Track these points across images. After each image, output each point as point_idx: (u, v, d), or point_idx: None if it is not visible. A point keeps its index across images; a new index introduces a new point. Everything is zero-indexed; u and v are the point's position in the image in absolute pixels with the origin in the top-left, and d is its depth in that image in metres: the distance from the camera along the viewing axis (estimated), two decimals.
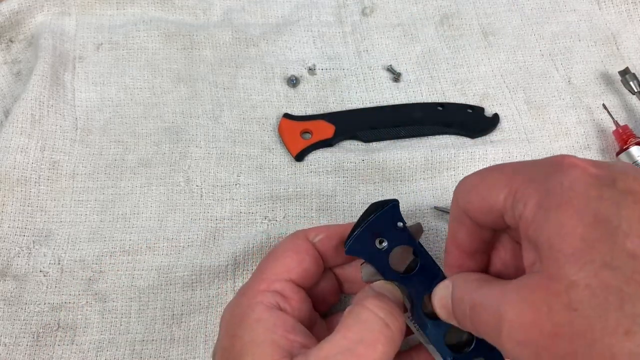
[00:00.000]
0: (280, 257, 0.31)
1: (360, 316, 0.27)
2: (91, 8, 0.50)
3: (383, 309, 0.27)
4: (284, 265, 0.31)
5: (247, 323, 0.28)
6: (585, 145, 0.44)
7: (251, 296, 0.29)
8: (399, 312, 0.28)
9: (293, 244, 0.32)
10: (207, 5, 0.51)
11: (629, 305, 0.19)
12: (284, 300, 0.30)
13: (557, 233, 0.20)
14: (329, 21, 0.51)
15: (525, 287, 0.21)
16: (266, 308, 0.29)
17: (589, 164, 0.22)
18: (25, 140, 0.43)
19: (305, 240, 0.32)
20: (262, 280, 0.30)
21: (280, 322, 0.28)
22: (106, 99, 0.47)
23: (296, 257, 0.31)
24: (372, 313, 0.27)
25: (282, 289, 0.30)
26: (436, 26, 0.51)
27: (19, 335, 0.38)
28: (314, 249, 0.32)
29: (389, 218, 0.31)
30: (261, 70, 0.48)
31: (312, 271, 0.32)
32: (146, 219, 0.42)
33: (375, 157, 0.44)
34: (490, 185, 0.24)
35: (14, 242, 0.41)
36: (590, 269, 0.19)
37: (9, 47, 0.49)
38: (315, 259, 0.32)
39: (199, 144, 0.45)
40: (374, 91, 0.48)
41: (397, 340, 0.27)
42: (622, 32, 0.49)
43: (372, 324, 0.26)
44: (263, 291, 0.30)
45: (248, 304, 0.29)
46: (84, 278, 0.40)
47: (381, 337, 0.26)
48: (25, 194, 0.42)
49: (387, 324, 0.26)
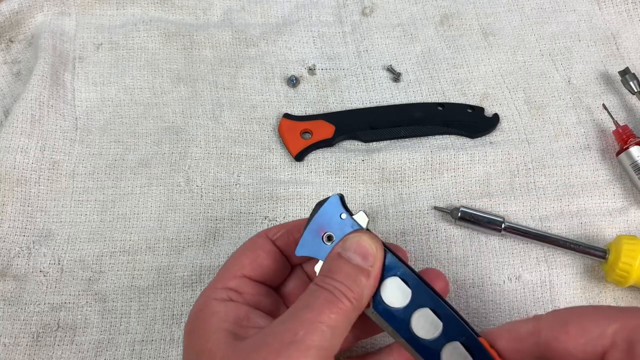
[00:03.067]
0: (238, 257, 0.32)
1: (310, 289, 0.27)
2: (91, 8, 0.50)
3: (332, 280, 0.27)
4: (239, 262, 0.31)
5: (202, 318, 0.29)
6: (585, 145, 0.44)
7: (207, 295, 0.30)
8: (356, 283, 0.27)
9: (250, 242, 0.32)
10: (207, 5, 0.51)
11: None
12: (237, 295, 0.30)
13: None
14: (329, 21, 0.51)
15: None
16: (219, 302, 0.29)
17: None
18: (25, 141, 0.43)
19: (264, 238, 0.32)
20: (218, 280, 0.31)
21: (233, 311, 0.29)
22: (106, 99, 0.47)
23: (251, 254, 0.32)
24: (317, 285, 0.27)
25: (236, 285, 0.30)
26: (436, 26, 0.51)
27: (18, 335, 0.38)
28: (273, 246, 0.32)
29: (331, 212, 0.31)
30: (261, 70, 0.48)
31: (270, 267, 0.32)
32: (146, 219, 0.42)
33: (375, 157, 0.44)
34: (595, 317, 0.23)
35: (14, 242, 0.41)
36: None
37: (8, 47, 0.49)
38: (273, 255, 0.32)
39: (199, 144, 0.45)
40: (374, 91, 0.48)
41: (349, 311, 0.26)
42: (622, 32, 0.49)
43: (319, 292, 0.26)
44: (217, 289, 0.30)
45: (205, 301, 0.30)
46: (83, 278, 0.40)
47: (326, 304, 0.26)
48: (25, 194, 0.42)
49: (333, 293, 0.26)
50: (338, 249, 0.29)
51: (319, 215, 0.31)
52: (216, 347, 0.27)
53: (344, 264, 0.28)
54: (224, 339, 0.27)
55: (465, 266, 0.40)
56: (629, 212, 0.42)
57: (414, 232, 0.42)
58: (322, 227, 0.30)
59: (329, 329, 0.25)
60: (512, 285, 0.40)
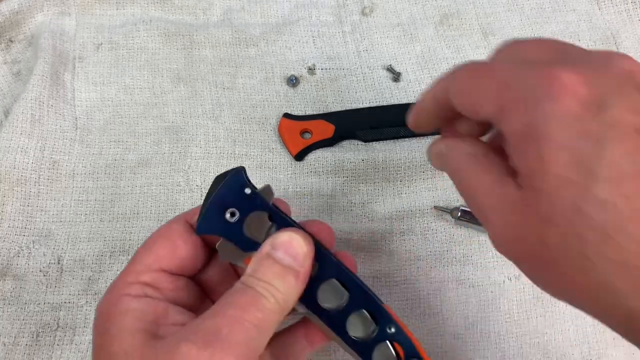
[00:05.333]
0: (152, 246, 0.29)
1: (236, 287, 0.26)
2: (91, 8, 0.50)
3: (259, 280, 0.26)
4: (155, 254, 0.28)
5: (114, 316, 0.26)
6: None
7: (118, 289, 0.27)
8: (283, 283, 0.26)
9: (167, 229, 0.29)
10: (207, 5, 0.51)
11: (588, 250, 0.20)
12: (153, 290, 0.28)
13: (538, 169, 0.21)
14: (329, 21, 0.51)
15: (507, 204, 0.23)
16: (133, 298, 0.27)
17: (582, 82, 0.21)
18: (25, 140, 0.43)
19: (182, 224, 0.29)
20: (130, 272, 0.28)
21: (151, 309, 0.27)
22: (106, 99, 0.47)
23: (169, 244, 0.29)
24: (244, 285, 0.26)
25: (153, 280, 0.28)
26: (436, 26, 0.51)
27: (18, 335, 0.38)
28: (192, 232, 0.29)
29: (234, 187, 0.29)
30: (261, 70, 0.48)
31: (190, 257, 0.29)
32: (146, 219, 0.42)
33: (375, 157, 0.44)
34: (480, 93, 0.24)
35: (14, 241, 0.41)
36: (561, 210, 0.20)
37: (8, 47, 0.49)
38: (192, 243, 0.29)
39: (198, 143, 0.45)
40: (374, 90, 0.48)
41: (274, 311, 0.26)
42: (621, 32, 0.49)
43: (245, 290, 0.26)
44: (130, 283, 0.27)
45: (115, 297, 0.27)
46: (83, 278, 0.40)
47: (253, 301, 0.25)
48: (25, 194, 0.42)
49: (261, 293, 0.25)
50: (267, 248, 0.27)
51: (221, 190, 0.28)
52: (132, 348, 0.25)
53: (272, 264, 0.27)
54: (142, 340, 0.25)
55: (465, 266, 0.40)
56: None
57: (414, 232, 0.42)
58: (225, 203, 0.28)
59: (255, 327, 0.24)
60: (512, 284, 0.40)
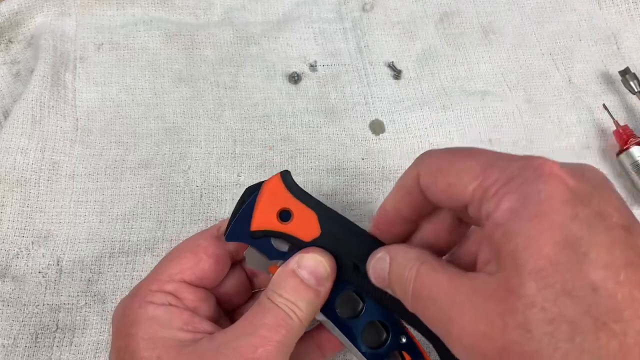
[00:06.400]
0: (176, 258, 0.31)
1: (265, 304, 0.28)
2: (91, 8, 0.50)
3: (284, 299, 0.28)
4: (179, 265, 0.30)
5: (140, 322, 0.28)
6: (586, 144, 0.44)
7: (142, 296, 0.29)
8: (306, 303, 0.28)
9: (192, 243, 0.32)
10: (207, 5, 0.51)
11: (579, 338, 0.18)
12: (176, 300, 0.29)
13: (526, 247, 0.19)
14: (330, 17, 0.51)
15: (479, 293, 0.21)
16: (158, 306, 0.28)
17: (567, 174, 0.21)
18: (25, 141, 0.43)
19: (208, 239, 0.32)
20: (154, 281, 0.30)
21: (176, 316, 0.28)
22: (107, 100, 0.47)
23: (193, 257, 0.31)
24: (272, 303, 0.28)
25: (175, 290, 0.30)
26: (436, 24, 0.51)
27: (17, 336, 0.38)
28: (218, 247, 0.32)
29: None
30: (262, 68, 0.48)
31: (212, 271, 0.31)
32: (145, 220, 0.42)
33: (375, 155, 0.44)
34: (460, 173, 0.23)
35: (13, 242, 0.40)
36: (551, 292, 0.19)
37: (8, 47, 0.49)
38: (216, 258, 0.31)
39: (199, 144, 0.45)
40: (376, 86, 0.48)
41: (297, 329, 0.28)
42: (622, 32, 0.49)
43: (274, 310, 0.27)
44: (154, 291, 0.29)
45: (139, 303, 0.29)
46: (83, 279, 0.40)
47: (281, 321, 0.27)
48: (25, 195, 0.42)
49: (286, 312, 0.28)
50: (294, 266, 0.29)
51: (254, 198, 0.30)
52: (165, 354, 0.26)
53: (298, 285, 0.28)
54: (173, 347, 0.27)
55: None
56: None
57: None
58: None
59: (283, 345, 0.27)
60: None
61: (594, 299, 0.18)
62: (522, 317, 0.19)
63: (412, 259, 0.25)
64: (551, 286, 0.19)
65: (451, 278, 0.22)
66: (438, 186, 0.24)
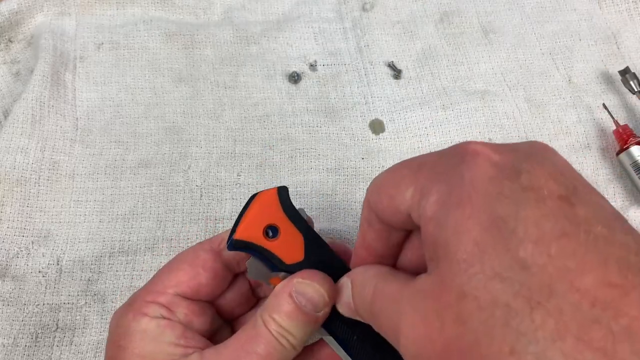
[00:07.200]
0: (175, 270, 0.30)
1: (259, 329, 0.27)
2: (91, 8, 0.50)
3: (278, 326, 0.27)
4: (176, 278, 0.30)
5: (132, 334, 0.28)
6: (586, 144, 0.44)
7: (137, 307, 0.29)
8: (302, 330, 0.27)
9: (192, 255, 0.31)
10: (207, 4, 0.51)
11: (515, 321, 0.17)
12: (169, 313, 0.29)
13: (454, 235, 0.19)
14: (329, 17, 0.51)
15: (418, 295, 0.20)
16: (151, 319, 0.28)
17: (492, 150, 0.20)
18: (25, 141, 0.43)
19: (208, 251, 0.31)
20: (149, 292, 0.29)
21: (168, 330, 0.28)
22: (107, 99, 0.47)
23: (190, 270, 0.30)
24: (266, 329, 0.27)
25: (169, 302, 0.29)
26: (436, 24, 0.51)
27: (17, 336, 0.38)
28: (216, 260, 0.31)
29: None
30: (262, 68, 0.48)
31: (209, 284, 0.30)
32: (145, 220, 0.42)
33: (375, 155, 0.44)
34: (397, 183, 0.22)
35: (13, 242, 0.40)
36: (480, 279, 0.17)
37: (8, 47, 0.49)
38: (215, 272, 0.30)
39: (199, 143, 0.45)
40: (376, 86, 0.48)
41: (289, 356, 0.27)
42: (622, 32, 0.49)
43: (267, 337, 0.27)
44: (149, 303, 0.29)
45: (133, 315, 0.28)
46: (83, 279, 0.40)
47: (273, 348, 0.26)
48: (25, 195, 0.42)
49: (278, 340, 0.27)
50: (290, 289, 0.27)
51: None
52: None
53: (294, 310, 0.27)
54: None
55: None
56: (629, 211, 0.42)
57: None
58: None
59: None
60: None
61: (525, 277, 0.17)
62: (456, 310, 0.18)
63: (370, 277, 0.24)
64: (480, 272, 0.18)
65: (400, 286, 0.22)
66: (383, 202, 0.23)
